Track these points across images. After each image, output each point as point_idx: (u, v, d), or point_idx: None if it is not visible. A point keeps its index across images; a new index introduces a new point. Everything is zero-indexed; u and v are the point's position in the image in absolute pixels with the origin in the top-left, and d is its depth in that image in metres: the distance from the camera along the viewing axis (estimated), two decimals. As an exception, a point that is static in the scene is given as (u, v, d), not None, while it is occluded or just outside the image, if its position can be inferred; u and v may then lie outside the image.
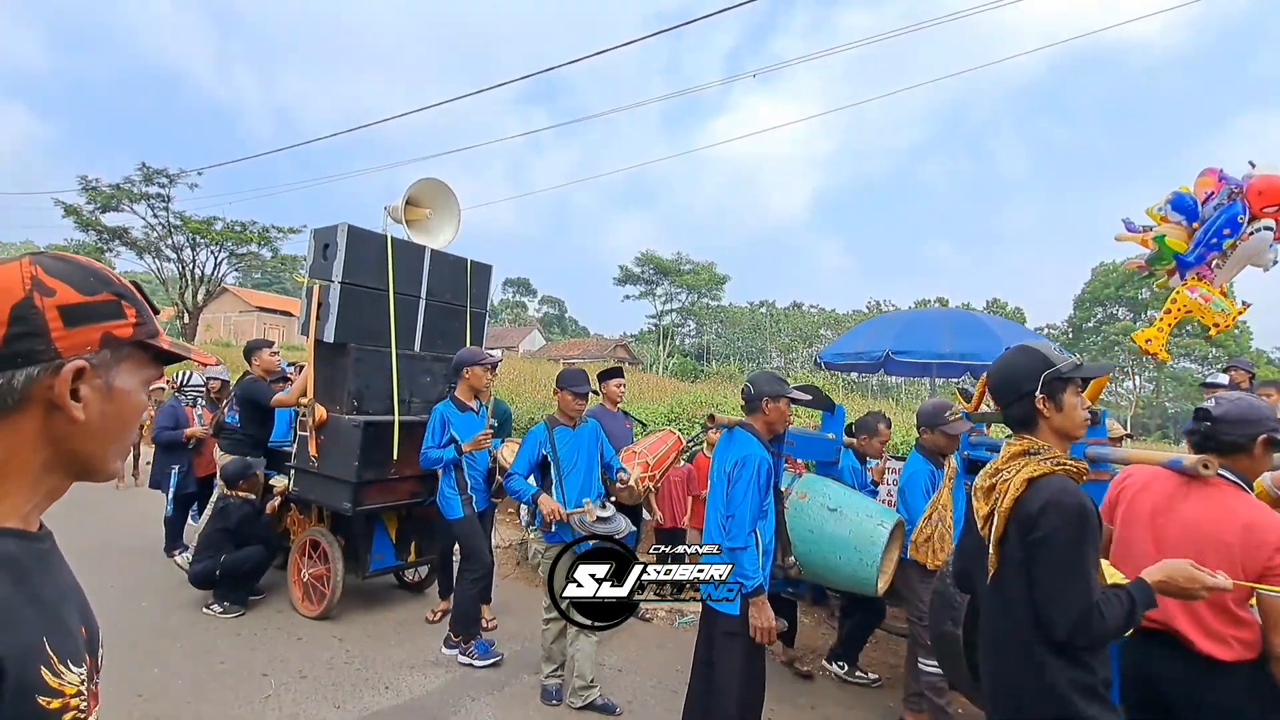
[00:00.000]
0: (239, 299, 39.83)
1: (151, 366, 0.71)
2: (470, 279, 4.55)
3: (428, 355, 4.32)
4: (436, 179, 4.33)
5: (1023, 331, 6.39)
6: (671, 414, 7.93)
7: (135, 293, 0.70)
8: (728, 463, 2.43)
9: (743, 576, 2.30)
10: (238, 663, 3.45)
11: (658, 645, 4.06)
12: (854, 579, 2.77)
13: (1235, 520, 1.62)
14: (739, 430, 2.55)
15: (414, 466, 4.07)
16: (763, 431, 2.52)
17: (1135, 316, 45.55)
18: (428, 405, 4.28)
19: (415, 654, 3.67)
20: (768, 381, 2.58)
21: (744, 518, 2.32)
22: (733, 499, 2.36)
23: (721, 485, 2.45)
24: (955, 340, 4.81)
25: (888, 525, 2.73)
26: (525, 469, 3.26)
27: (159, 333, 0.71)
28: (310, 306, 3.88)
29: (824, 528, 2.70)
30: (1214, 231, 2.81)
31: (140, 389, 0.70)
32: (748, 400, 2.57)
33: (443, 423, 3.66)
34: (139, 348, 0.68)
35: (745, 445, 2.44)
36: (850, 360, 5.39)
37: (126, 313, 0.67)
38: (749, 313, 49.04)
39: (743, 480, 2.34)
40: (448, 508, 3.67)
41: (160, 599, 4.26)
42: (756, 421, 2.54)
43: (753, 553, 2.32)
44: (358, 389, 3.95)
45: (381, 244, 4.02)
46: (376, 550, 4.10)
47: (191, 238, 22.73)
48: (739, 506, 2.33)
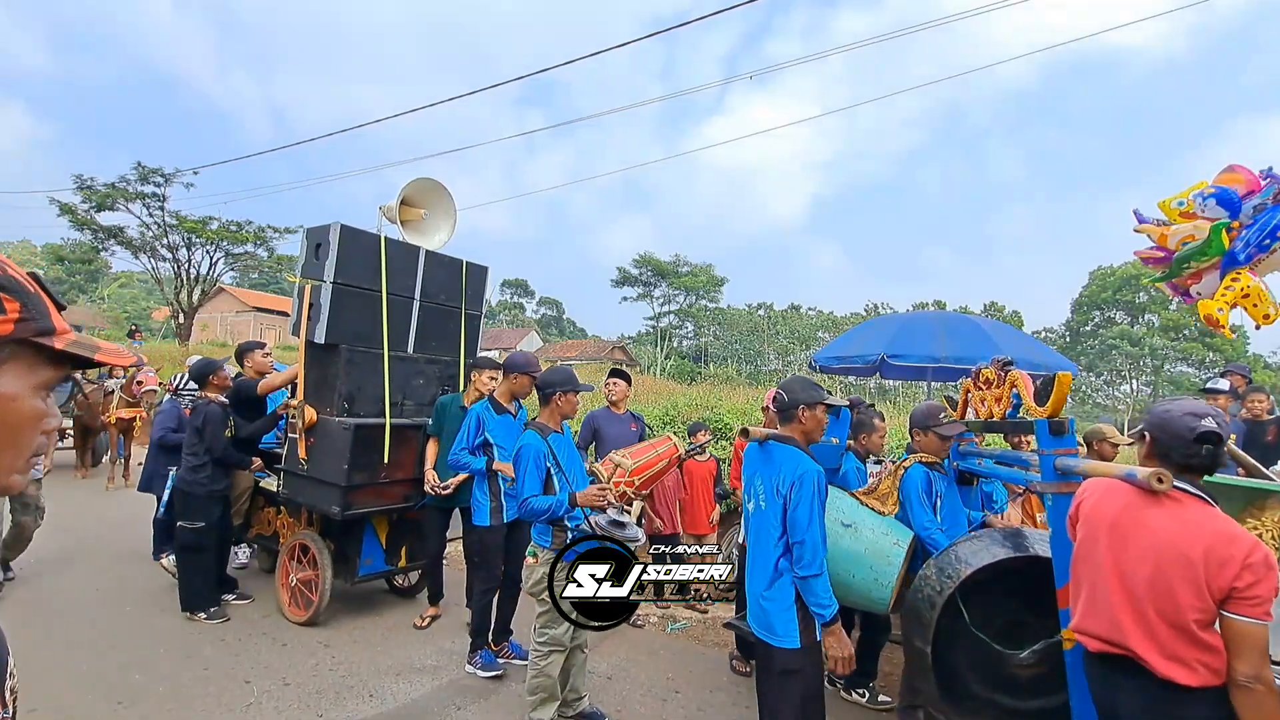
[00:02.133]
0: (235, 299, 39.68)
1: (47, 368, 0.62)
2: (466, 280, 4.50)
3: (421, 357, 4.27)
4: (432, 179, 4.29)
5: (1017, 335, 6.38)
6: (667, 416, 7.89)
7: (24, 283, 0.61)
8: (780, 482, 2.19)
9: (819, 606, 2.10)
10: (221, 669, 3.39)
11: (649, 652, 4.01)
12: (867, 598, 2.63)
13: (1198, 536, 1.50)
14: (779, 445, 2.30)
15: (405, 470, 4.02)
16: (801, 443, 2.30)
17: (1132, 320, 45.69)
18: (420, 408, 4.23)
19: (402, 660, 3.61)
20: (803, 388, 2.35)
21: (815, 542, 2.11)
22: (796, 523, 2.13)
23: (775, 507, 2.19)
24: (950, 344, 4.77)
25: (904, 543, 2.59)
26: (540, 488, 2.81)
27: (54, 330, 0.62)
28: (302, 306, 3.83)
29: (838, 543, 2.54)
30: (1269, 233, 2.75)
31: (31, 394, 0.61)
32: (783, 409, 2.34)
33: (478, 424, 3.47)
34: (26, 347, 0.60)
35: (796, 462, 2.20)
36: (845, 364, 5.34)
37: (6, 306, 0.58)
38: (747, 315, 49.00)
39: (804, 501, 2.13)
40: (477, 513, 3.54)
41: (144, 603, 4.19)
42: (794, 432, 2.31)
43: (826, 580, 2.12)
44: (349, 391, 3.89)
45: (375, 244, 3.97)
46: (366, 555, 4.05)
47: (187, 237, 22.61)
48: (806, 531, 2.11)
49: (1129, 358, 41.54)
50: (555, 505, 2.74)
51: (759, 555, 2.27)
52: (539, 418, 3.03)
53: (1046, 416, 2.09)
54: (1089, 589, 1.68)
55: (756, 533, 2.31)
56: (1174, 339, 41.58)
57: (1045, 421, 2.09)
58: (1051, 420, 2.07)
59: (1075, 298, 48.14)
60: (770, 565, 2.20)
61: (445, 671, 3.52)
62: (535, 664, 2.81)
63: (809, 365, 6.77)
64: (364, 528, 4.04)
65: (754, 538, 2.33)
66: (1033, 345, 5.82)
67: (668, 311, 47.55)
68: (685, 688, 3.54)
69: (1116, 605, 1.59)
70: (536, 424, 2.98)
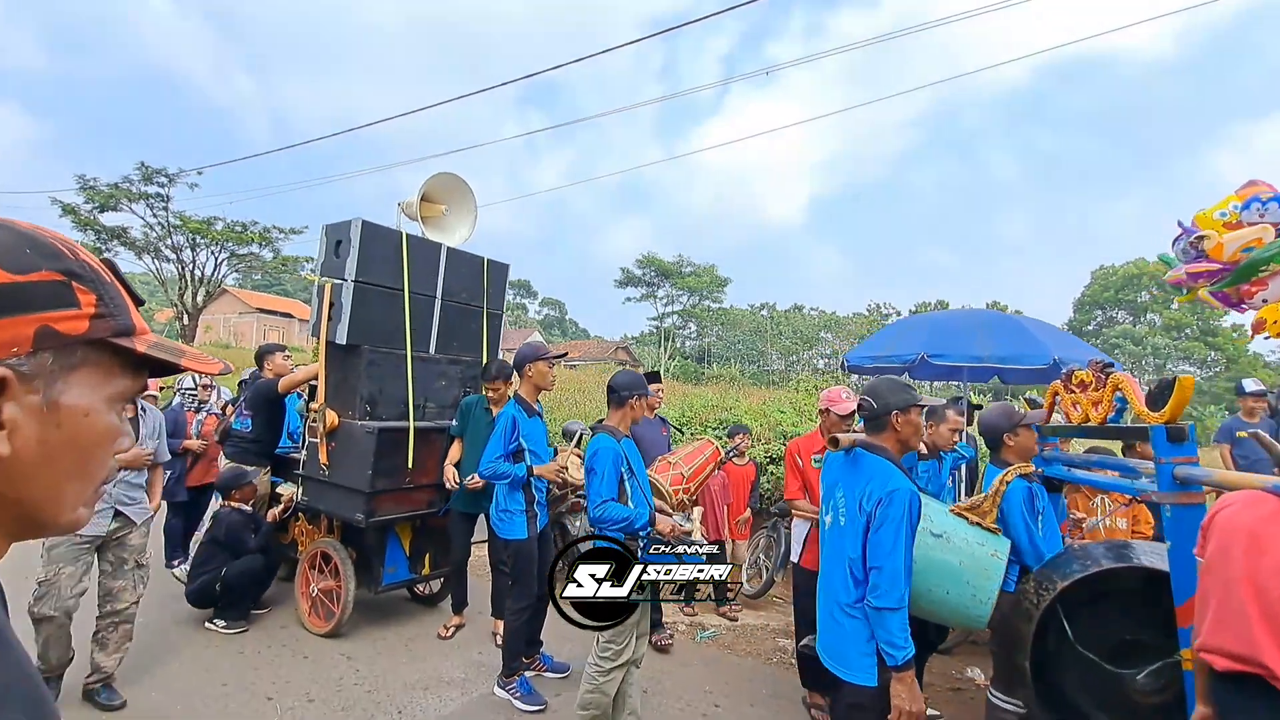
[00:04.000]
0: (239, 300, 39.60)
1: (125, 375, 0.51)
2: (487, 278, 4.36)
3: (443, 358, 4.13)
4: (453, 174, 4.15)
5: (1061, 334, 6.15)
6: (683, 418, 7.74)
7: (102, 273, 0.49)
8: (865, 498, 1.95)
9: (890, 645, 1.83)
10: (240, 684, 3.24)
11: (681, 664, 3.86)
12: (963, 615, 2.35)
13: None
14: (869, 455, 2.04)
15: (429, 475, 3.88)
16: (895, 453, 2.05)
17: (1134, 320, 45.57)
18: (442, 410, 4.09)
19: (429, 674, 3.47)
20: (893, 390, 2.08)
21: (896, 571, 1.85)
22: (878, 546, 1.88)
23: (856, 525, 1.96)
24: (991, 343, 4.61)
25: (1002, 554, 2.32)
26: (615, 493, 2.61)
27: (134, 329, 0.51)
28: (321, 306, 3.69)
29: (929, 556, 2.27)
30: None
31: (106, 407, 0.49)
32: (873, 416, 2.07)
33: (513, 427, 3.25)
34: (102, 350, 0.48)
35: (886, 477, 1.94)
36: (880, 363, 5.18)
37: (80, 299, 0.47)
38: (750, 315, 48.79)
39: (890, 522, 1.87)
40: (507, 526, 3.29)
41: (158, 614, 4.04)
42: (887, 441, 2.06)
43: (904, 616, 1.86)
44: (371, 393, 3.75)
45: (396, 241, 3.84)
46: (389, 563, 3.90)
47: (191, 238, 22.50)
48: (888, 557, 1.86)
49: (1131, 357, 41.42)
50: (634, 517, 2.56)
51: (833, 577, 2.05)
52: (608, 420, 2.84)
53: (1164, 422, 1.93)
54: (1218, 604, 1.54)
55: (832, 551, 2.09)
56: (1175, 338, 41.54)
57: (1163, 428, 1.92)
58: (1170, 426, 1.91)
59: (1077, 297, 48.05)
60: (845, 590, 1.97)
61: (474, 684, 3.38)
62: (594, 679, 2.61)
63: (840, 365, 6.60)
64: (387, 535, 3.90)
65: (829, 556, 2.11)
66: (1078, 345, 5.63)
67: (671, 312, 47.40)
68: (725, 701, 3.40)
69: (1253, 620, 1.46)
70: (607, 427, 2.78)
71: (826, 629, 2.07)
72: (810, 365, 43.70)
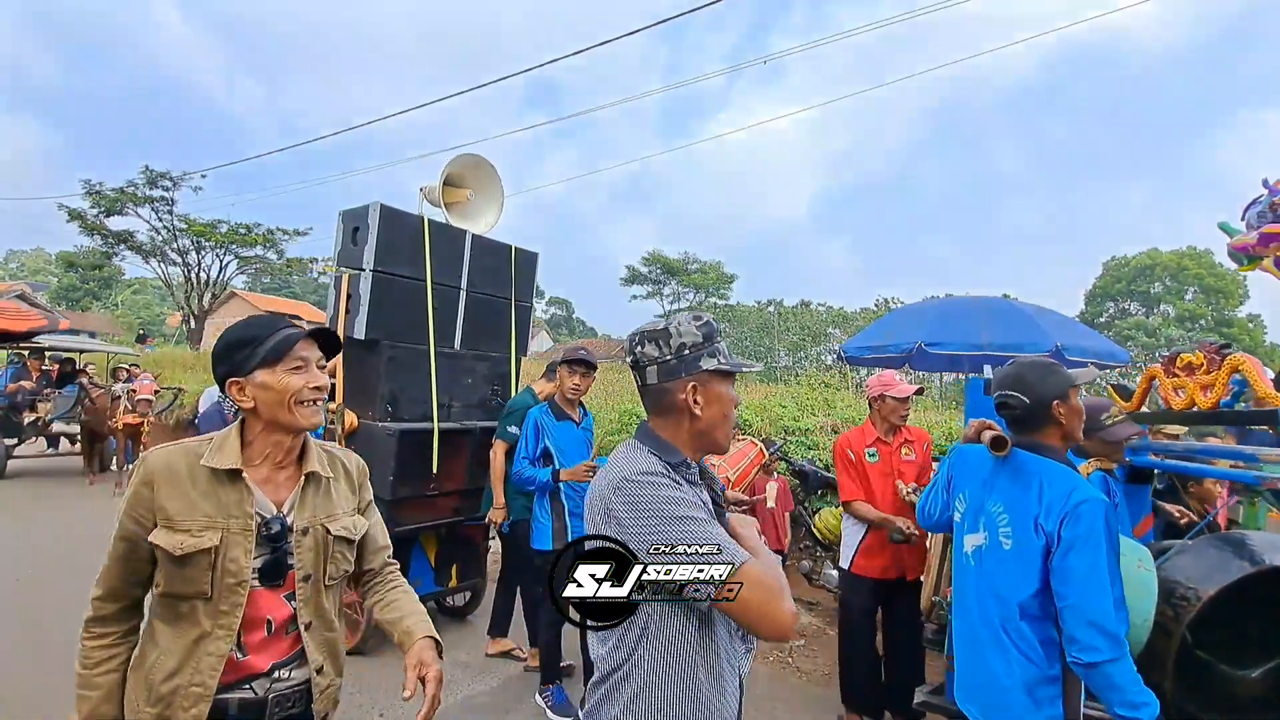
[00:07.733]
0: (247, 303, 39.49)
1: None
2: (515, 268, 4.06)
3: (469, 354, 3.83)
4: (477, 155, 3.86)
5: (1065, 321, 5.82)
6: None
7: None
8: (1041, 512, 1.51)
9: (1128, 707, 1.36)
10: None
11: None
12: None
13: None
14: (1033, 457, 1.60)
15: (455, 480, 3.60)
16: (1061, 450, 1.62)
17: (1147, 311, 44.89)
18: (468, 410, 3.80)
19: (464, 699, 3.18)
20: (1042, 373, 1.62)
21: (1103, 608, 1.39)
22: (1070, 575, 1.43)
23: (1031, 549, 1.52)
24: (993, 330, 4.35)
25: (1148, 565, 1.99)
26: None
27: None
28: (339, 299, 3.41)
29: None
30: None
31: None
32: (1026, 415, 1.62)
33: (536, 431, 3.10)
34: None
35: (1067, 483, 1.51)
36: (877, 353, 4.96)
37: None
38: (757, 311, 48.41)
39: (1085, 544, 1.42)
40: (537, 535, 3.09)
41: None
42: (1050, 438, 1.62)
43: (1129, 664, 1.40)
44: (392, 392, 3.47)
45: (417, 227, 3.54)
46: (414, 575, 3.61)
47: (196, 241, 22.33)
48: (1088, 592, 1.40)
49: (1144, 348, 40.83)
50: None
51: (989, 616, 1.63)
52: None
53: None
54: None
55: (989, 583, 1.64)
56: (1190, 329, 40.86)
57: None
58: None
59: (1088, 289, 47.31)
60: (1017, 633, 1.55)
61: (516, 713, 3.09)
62: None
63: (836, 355, 6.33)
64: (412, 546, 3.61)
65: (982, 589, 1.66)
66: (1084, 332, 5.32)
67: (678, 309, 47.11)
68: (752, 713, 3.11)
69: None
70: None
71: (980, 687, 1.65)
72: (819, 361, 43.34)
